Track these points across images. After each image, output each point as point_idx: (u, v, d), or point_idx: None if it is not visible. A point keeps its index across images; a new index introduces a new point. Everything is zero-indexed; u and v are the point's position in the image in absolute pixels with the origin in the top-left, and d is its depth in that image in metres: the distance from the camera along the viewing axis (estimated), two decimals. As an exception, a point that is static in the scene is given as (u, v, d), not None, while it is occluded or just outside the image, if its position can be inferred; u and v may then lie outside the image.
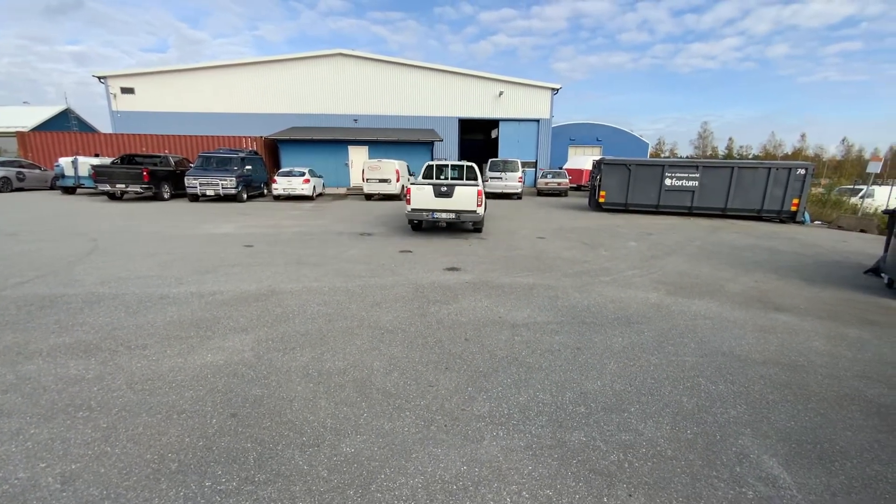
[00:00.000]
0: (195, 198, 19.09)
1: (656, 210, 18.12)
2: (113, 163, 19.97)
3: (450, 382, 3.93)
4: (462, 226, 12.53)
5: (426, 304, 5.89)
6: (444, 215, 11.10)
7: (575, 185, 32.69)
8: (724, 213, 17.59)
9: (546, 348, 4.64)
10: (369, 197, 22.25)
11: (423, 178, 13.47)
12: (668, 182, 17.87)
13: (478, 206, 11.02)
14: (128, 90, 29.22)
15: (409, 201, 11.14)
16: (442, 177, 13.81)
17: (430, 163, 13.58)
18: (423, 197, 11.07)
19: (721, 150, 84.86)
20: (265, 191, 22.69)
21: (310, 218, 14.71)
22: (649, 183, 18.03)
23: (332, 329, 5.02)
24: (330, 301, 5.93)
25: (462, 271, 7.70)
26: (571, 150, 48.18)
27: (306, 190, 20.77)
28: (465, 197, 10.99)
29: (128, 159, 20.21)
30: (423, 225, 12.52)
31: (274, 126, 29.84)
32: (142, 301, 5.76)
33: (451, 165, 14.11)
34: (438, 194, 11.04)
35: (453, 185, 11.15)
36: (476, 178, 13.16)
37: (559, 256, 9.18)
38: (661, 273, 8.06)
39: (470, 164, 13.85)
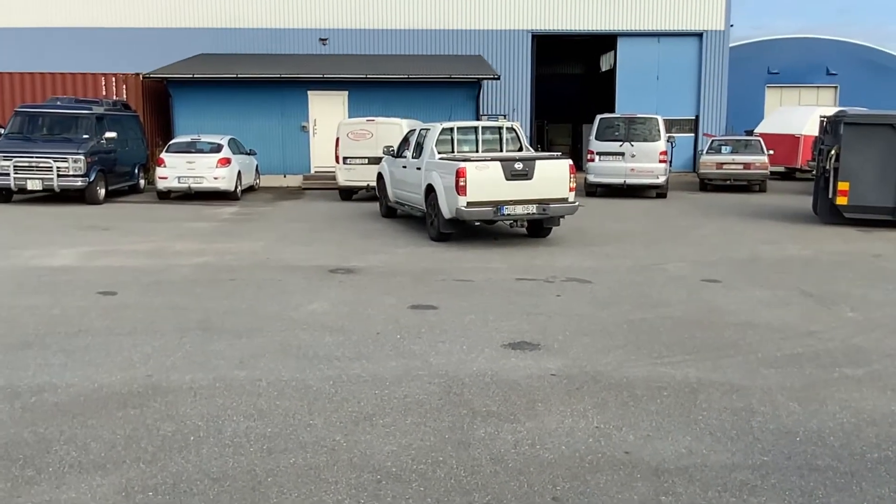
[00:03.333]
0: (6, 195, 12.59)
1: None
2: None
3: None
4: (548, 224, 9.00)
5: (468, 421, 3.54)
6: (521, 209, 7.99)
7: (781, 169, 19.49)
8: None
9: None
10: (349, 194, 13.89)
11: (411, 153, 9.60)
12: None
13: (570, 189, 8.27)
14: None
15: (462, 190, 7.81)
16: (466, 149, 9.57)
17: (443, 125, 9.47)
18: (486, 182, 7.85)
19: None
20: (142, 181, 15.08)
21: (230, 236, 9.79)
22: None
23: (275, 470, 2.94)
24: (269, 410, 3.61)
25: (542, 350, 4.94)
26: (771, 96, 27.23)
27: (223, 181, 13.25)
28: (552, 177, 8.12)
29: None
30: (474, 224, 8.76)
31: (171, 52, 17.32)
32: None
33: (483, 128, 10.05)
34: (512, 175, 7.92)
35: (532, 160, 8.20)
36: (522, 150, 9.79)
37: (751, 322, 5.79)
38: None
39: (510, 125, 10.03)
